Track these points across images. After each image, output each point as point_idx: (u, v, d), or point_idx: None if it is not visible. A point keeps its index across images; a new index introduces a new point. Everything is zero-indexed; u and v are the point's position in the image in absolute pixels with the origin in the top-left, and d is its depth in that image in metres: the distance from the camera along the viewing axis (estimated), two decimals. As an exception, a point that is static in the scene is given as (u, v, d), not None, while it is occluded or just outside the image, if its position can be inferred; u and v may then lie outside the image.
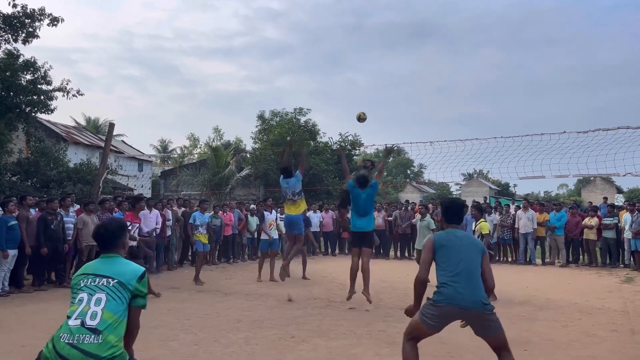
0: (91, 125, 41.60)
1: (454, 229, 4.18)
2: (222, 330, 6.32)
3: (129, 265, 3.02)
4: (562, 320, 7.18)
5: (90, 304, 2.75)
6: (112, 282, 2.86)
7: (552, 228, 14.08)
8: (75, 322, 2.69)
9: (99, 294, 2.79)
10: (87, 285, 2.84)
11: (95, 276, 2.89)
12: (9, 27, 15.64)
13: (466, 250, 3.97)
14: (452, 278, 3.86)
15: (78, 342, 2.63)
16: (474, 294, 3.83)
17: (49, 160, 17.17)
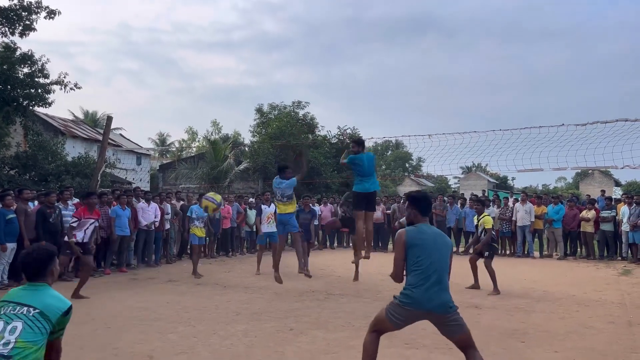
0: (89, 119, 41.51)
1: (426, 224, 4.05)
2: (221, 322, 6.34)
3: (56, 298, 2.92)
4: (560, 312, 7.21)
5: (5, 333, 2.68)
6: (33, 311, 2.78)
7: (550, 221, 14.12)
8: None
9: (16, 322, 2.72)
10: (6, 314, 2.76)
11: (16, 304, 2.80)
12: (5, 20, 15.57)
13: (439, 251, 3.88)
14: (422, 281, 3.79)
15: None
16: (441, 298, 3.79)
17: (47, 154, 17.13)
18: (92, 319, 6.47)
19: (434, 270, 3.80)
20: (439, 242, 3.93)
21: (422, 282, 3.79)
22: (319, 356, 5.00)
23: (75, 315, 6.68)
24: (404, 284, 3.93)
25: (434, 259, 3.83)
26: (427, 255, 3.83)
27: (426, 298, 3.76)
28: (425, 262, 3.81)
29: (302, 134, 27.93)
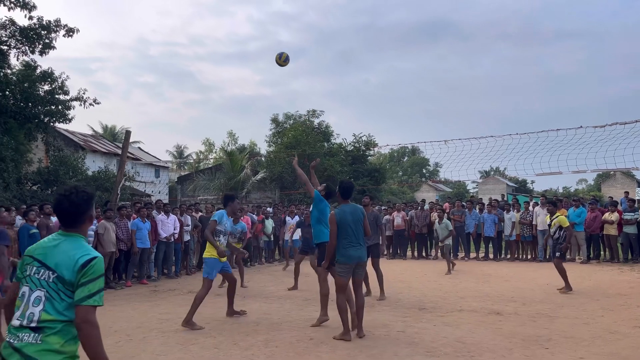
0: (108, 133, 42.19)
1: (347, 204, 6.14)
2: (241, 333, 6.36)
3: (73, 251, 2.47)
4: (584, 317, 7.08)
5: (29, 302, 2.42)
6: (52, 276, 2.43)
7: (572, 224, 13.88)
8: (16, 322, 2.41)
9: (38, 292, 2.42)
10: (31, 277, 2.47)
11: (40, 265, 2.47)
12: (25, 39, 15.97)
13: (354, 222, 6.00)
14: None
15: (15, 343, 2.36)
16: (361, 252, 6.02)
17: (67, 169, 17.46)
18: (114, 331, 6.54)
19: (355, 235, 5.98)
20: (356, 215, 6.04)
21: (350, 244, 5.93)
22: (339, 365, 4.99)
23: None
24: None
25: (354, 228, 5.97)
26: (349, 226, 5.93)
27: (356, 254, 5.93)
28: (349, 231, 5.93)
29: (318, 142, 28.02)
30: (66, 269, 2.42)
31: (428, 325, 6.71)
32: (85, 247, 2.54)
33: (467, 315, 7.27)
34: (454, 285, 10.19)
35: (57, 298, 2.40)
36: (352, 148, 29.48)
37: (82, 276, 2.41)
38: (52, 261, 2.45)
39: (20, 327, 2.38)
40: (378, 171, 29.67)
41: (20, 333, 2.37)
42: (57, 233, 2.60)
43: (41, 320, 2.37)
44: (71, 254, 2.45)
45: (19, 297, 2.46)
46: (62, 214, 2.57)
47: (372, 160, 32.95)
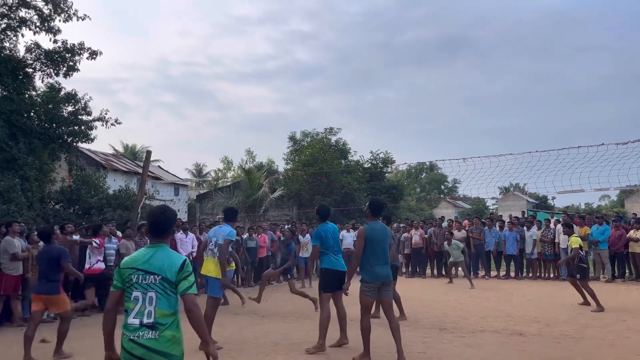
0: (129, 152, 42.87)
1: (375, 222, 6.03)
2: (260, 353, 6.34)
3: (169, 258, 3.11)
4: (610, 338, 6.91)
5: (145, 303, 3.01)
6: (158, 279, 3.05)
7: (595, 242, 13.62)
8: (134, 321, 2.99)
9: (150, 293, 3.02)
10: (139, 284, 3.05)
11: (144, 273, 3.05)
12: (50, 62, 16.42)
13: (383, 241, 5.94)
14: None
15: (137, 338, 2.96)
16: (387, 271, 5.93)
17: (89, 188, 17.74)
18: None
19: (382, 254, 5.91)
20: (384, 234, 5.99)
21: (377, 263, 5.85)
22: (359, 388, 4.93)
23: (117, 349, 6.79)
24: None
25: (382, 246, 5.92)
26: (378, 244, 5.87)
27: (382, 272, 5.87)
28: (378, 249, 5.86)
29: (335, 159, 28.07)
30: (169, 271, 3.05)
31: (449, 346, 6.62)
32: (175, 253, 3.21)
33: (489, 336, 7.15)
34: (475, 304, 10.03)
35: (165, 295, 3.03)
36: (370, 165, 29.47)
37: (182, 274, 3.06)
38: (155, 267, 3.06)
39: (140, 326, 2.97)
40: (396, 188, 29.57)
41: (140, 331, 2.97)
42: (147, 247, 3.20)
43: (157, 315, 2.99)
44: (169, 259, 3.09)
45: (132, 301, 3.02)
46: (157, 227, 3.20)
47: (389, 177, 32.86)
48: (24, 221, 11.40)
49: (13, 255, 8.34)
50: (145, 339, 2.96)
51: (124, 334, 3.01)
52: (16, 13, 16.00)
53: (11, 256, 8.33)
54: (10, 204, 13.01)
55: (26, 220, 12.24)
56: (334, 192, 26.11)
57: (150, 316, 2.99)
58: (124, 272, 3.11)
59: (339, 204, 25.34)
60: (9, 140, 14.45)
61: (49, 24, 16.16)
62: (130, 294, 3.06)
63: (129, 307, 3.04)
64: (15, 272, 8.44)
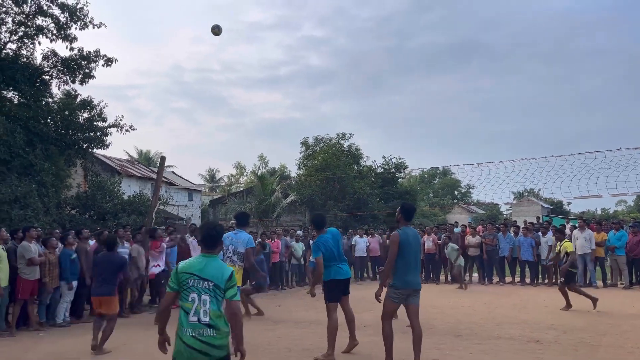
0: (143, 158, 43.28)
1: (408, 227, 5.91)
2: (273, 359, 6.33)
3: (221, 269, 3.71)
4: (628, 346, 6.79)
5: (200, 303, 3.58)
6: (211, 285, 3.62)
7: (612, 248, 13.42)
8: (193, 319, 3.57)
9: (204, 296, 3.60)
10: (195, 287, 3.62)
11: (199, 279, 3.63)
12: (66, 69, 16.67)
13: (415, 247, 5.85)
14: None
15: (199, 335, 3.54)
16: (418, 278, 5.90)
17: (104, 193, 17.92)
18: (153, 357, 6.61)
19: (414, 261, 5.80)
20: (416, 240, 5.89)
21: (409, 269, 5.70)
22: (374, 395, 4.89)
23: (132, 354, 6.83)
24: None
25: (414, 253, 5.80)
26: (411, 251, 5.72)
27: (413, 279, 5.75)
28: (410, 256, 5.74)
29: (348, 165, 28.06)
30: (219, 280, 3.63)
31: (464, 353, 6.55)
32: (224, 264, 3.82)
33: (505, 343, 7.06)
34: (490, 311, 9.93)
35: (216, 299, 3.61)
36: (382, 170, 29.42)
37: (230, 283, 3.65)
38: (209, 275, 3.63)
39: (198, 324, 3.55)
40: (409, 193, 29.50)
41: (200, 329, 3.55)
42: (200, 255, 3.78)
43: (211, 315, 3.57)
44: (221, 270, 3.68)
45: (189, 301, 3.59)
46: (208, 240, 3.82)
47: (402, 182, 32.76)
48: (40, 226, 11.54)
49: (30, 260, 8.44)
50: (206, 335, 3.54)
51: (185, 330, 3.56)
52: (33, 21, 16.28)
53: (28, 261, 8.44)
54: (27, 210, 13.18)
55: (43, 226, 12.40)
56: (347, 198, 26.08)
57: (207, 315, 3.57)
58: (181, 276, 3.67)
59: (352, 209, 25.31)
60: (26, 147, 14.67)
61: (65, 32, 16.41)
62: (188, 295, 3.62)
63: (187, 306, 3.60)
64: (32, 277, 8.53)
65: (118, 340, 7.75)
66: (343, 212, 24.84)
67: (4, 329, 8.40)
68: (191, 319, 3.57)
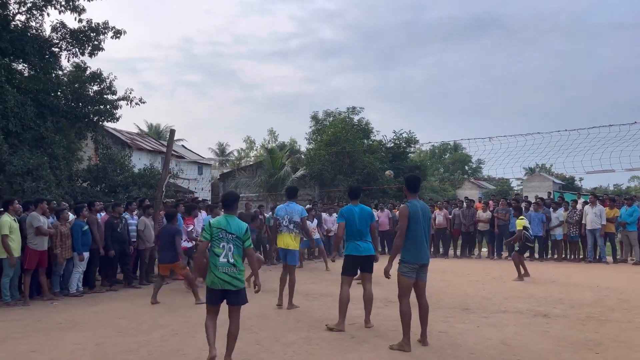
0: (153, 132, 43.36)
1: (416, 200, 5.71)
2: (283, 330, 6.41)
3: (240, 224, 5.04)
4: (637, 321, 6.77)
5: (227, 250, 4.91)
6: (233, 237, 4.96)
7: (623, 224, 13.30)
8: (224, 260, 4.90)
9: (230, 244, 4.94)
10: (224, 238, 4.94)
11: (225, 232, 4.95)
12: (75, 41, 16.57)
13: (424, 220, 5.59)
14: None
15: (228, 272, 4.90)
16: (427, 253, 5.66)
17: (115, 167, 18.02)
18: (160, 325, 6.72)
19: (423, 235, 5.58)
20: (425, 214, 5.63)
21: (418, 243, 5.53)
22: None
23: (143, 323, 6.94)
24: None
25: (423, 226, 5.58)
26: (419, 225, 5.54)
27: (423, 254, 5.56)
28: (419, 230, 5.54)
29: (357, 139, 27.88)
30: (240, 232, 4.99)
31: (471, 326, 6.58)
32: (240, 220, 5.12)
33: (512, 317, 7.08)
34: (499, 285, 9.95)
35: (238, 246, 4.98)
36: (393, 145, 29.23)
37: (246, 235, 5.02)
38: (232, 229, 4.98)
39: (227, 263, 4.89)
40: (419, 168, 29.32)
41: (228, 267, 4.90)
42: (224, 216, 5.10)
43: (235, 258, 4.93)
44: (240, 225, 5.04)
45: (220, 247, 4.92)
46: (228, 203, 5.17)
47: (412, 157, 32.56)
48: (53, 198, 11.66)
49: (37, 230, 8.52)
50: (232, 272, 4.90)
51: (218, 267, 4.87)
52: (42, -9, 16.13)
53: (35, 230, 8.52)
54: (40, 182, 13.30)
55: (55, 198, 12.51)
56: (356, 172, 26.01)
57: (232, 258, 4.92)
58: (214, 229, 4.96)
59: (362, 184, 25.27)
60: (37, 119, 14.72)
61: (73, 3, 16.24)
62: (219, 244, 4.92)
63: (219, 252, 4.90)
64: (40, 248, 8.61)
65: (127, 311, 7.89)
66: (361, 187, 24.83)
67: (18, 298, 8.57)
68: (222, 260, 4.88)
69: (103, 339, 6.08)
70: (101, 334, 6.35)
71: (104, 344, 5.91)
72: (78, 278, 9.35)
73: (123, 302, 8.69)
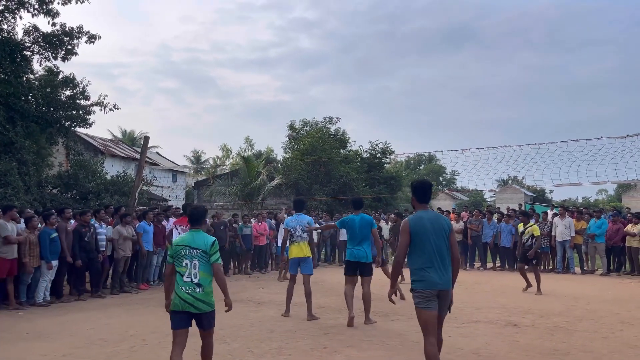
0: (127, 138, 42.74)
1: (424, 211, 4.61)
2: (255, 340, 6.36)
3: (206, 238, 4.62)
4: (603, 331, 6.94)
5: (191, 268, 4.48)
6: (199, 252, 4.52)
7: (592, 236, 13.64)
8: (187, 279, 4.47)
9: (195, 261, 4.50)
10: (187, 255, 4.51)
11: (190, 248, 4.53)
12: (48, 45, 16.28)
13: (436, 234, 4.42)
14: (428, 264, 4.36)
15: (191, 292, 4.45)
16: (446, 276, 4.41)
17: (87, 173, 17.71)
18: (130, 336, 6.60)
19: (436, 252, 4.37)
20: (437, 226, 4.45)
21: (431, 264, 4.34)
22: (353, 375, 4.95)
23: (112, 333, 6.80)
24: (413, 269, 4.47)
25: (435, 243, 4.39)
26: (429, 240, 4.38)
27: (439, 278, 4.34)
28: (429, 247, 4.37)
29: (334, 149, 27.99)
30: (206, 246, 4.54)
31: (444, 336, 6.58)
32: (207, 235, 4.69)
33: (484, 327, 7.18)
34: (470, 295, 10.08)
35: (204, 263, 4.52)
36: (369, 155, 29.42)
37: (213, 249, 4.56)
38: (197, 244, 4.54)
39: (190, 283, 4.45)
40: (394, 179, 29.54)
41: (190, 287, 4.45)
42: (190, 232, 4.68)
43: (200, 277, 4.46)
44: (206, 239, 4.60)
45: (183, 266, 4.48)
46: (194, 218, 4.73)
47: (388, 167, 32.81)
48: (21, 205, 11.38)
49: (5, 239, 8.31)
50: (196, 292, 4.46)
51: (181, 287, 4.46)
52: (14, -6, 15.83)
53: (4, 239, 8.31)
54: (7, 188, 12.97)
55: (23, 204, 12.21)
56: (332, 182, 26.08)
57: (197, 277, 4.47)
58: (176, 248, 4.58)
59: (337, 194, 25.34)
60: (6, 124, 14.38)
61: (47, 7, 15.97)
62: (182, 262, 4.51)
63: (182, 270, 4.49)
64: (10, 256, 8.40)
65: (96, 321, 7.73)
66: (328, 196, 24.87)
67: (-18, 307, 8.31)
68: (185, 279, 4.47)
69: (71, 350, 5.93)
70: (69, 345, 6.19)
71: (72, 354, 5.77)
72: (45, 287, 9.11)
73: (92, 312, 8.50)
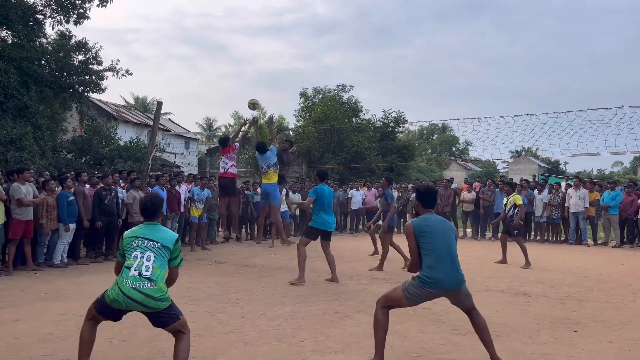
0: (139, 104, 42.76)
1: (429, 214, 4.54)
2: (268, 304, 6.46)
3: (167, 232, 3.94)
4: (615, 301, 6.94)
5: (143, 260, 3.71)
6: (157, 245, 3.80)
7: (605, 207, 13.53)
8: (134, 273, 3.67)
9: (149, 253, 3.74)
10: (139, 246, 3.77)
11: (144, 239, 3.80)
12: (60, 8, 16.17)
13: (445, 234, 4.36)
14: (437, 263, 4.22)
15: (139, 287, 3.63)
16: (456, 276, 4.30)
17: (101, 139, 17.82)
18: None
19: (445, 252, 4.27)
20: (444, 227, 4.43)
21: (438, 263, 4.22)
22: (364, 339, 5.02)
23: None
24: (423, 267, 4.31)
25: (443, 241, 4.31)
26: (436, 239, 4.30)
27: (445, 277, 4.22)
28: (437, 245, 4.28)
29: (346, 117, 27.79)
30: (167, 242, 3.84)
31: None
32: (168, 230, 4.04)
33: (494, 295, 7.21)
34: (481, 265, 10.11)
35: (161, 257, 3.78)
36: (381, 124, 29.20)
37: (176, 249, 3.90)
38: (155, 237, 3.82)
39: (138, 277, 3.65)
40: (407, 148, 29.36)
41: (139, 281, 3.64)
42: (144, 224, 3.92)
43: (153, 271, 3.69)
44: (167, 233, 3.91)
45: (132, 259, 3.70)
46: (150, 210, 3.94)
47: (401, 137, 32.57)
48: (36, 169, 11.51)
49: (18, 201, 8.43)
50: (146, 288, 3.64)
51: (125, 282, 3.65)
52: (25, -44, 15.65)
53: (17, 201, 8.43)
54: (23, 152, 13.11)
55: (39, 169, 12.36)
56: (344, 150, 26.00)
57: (148, 270, 3.69)
58: (126, 241, 3.84)
59: (349, 162, 25.30)
60: (21, 88, 14.42)
61: (58, -31, 15.82)
62: (130, 254, 3.74)
63: (130, 263, 3.71)
64: (24, 218, 8.52)
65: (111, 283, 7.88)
66: (340, 165, 24.83)
67: (1, 268, 8.50)
68: (132, 273, 3.68)
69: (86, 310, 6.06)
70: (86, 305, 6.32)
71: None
72: (63, 249, 9.29)
73: (107, 274, 8.63)
